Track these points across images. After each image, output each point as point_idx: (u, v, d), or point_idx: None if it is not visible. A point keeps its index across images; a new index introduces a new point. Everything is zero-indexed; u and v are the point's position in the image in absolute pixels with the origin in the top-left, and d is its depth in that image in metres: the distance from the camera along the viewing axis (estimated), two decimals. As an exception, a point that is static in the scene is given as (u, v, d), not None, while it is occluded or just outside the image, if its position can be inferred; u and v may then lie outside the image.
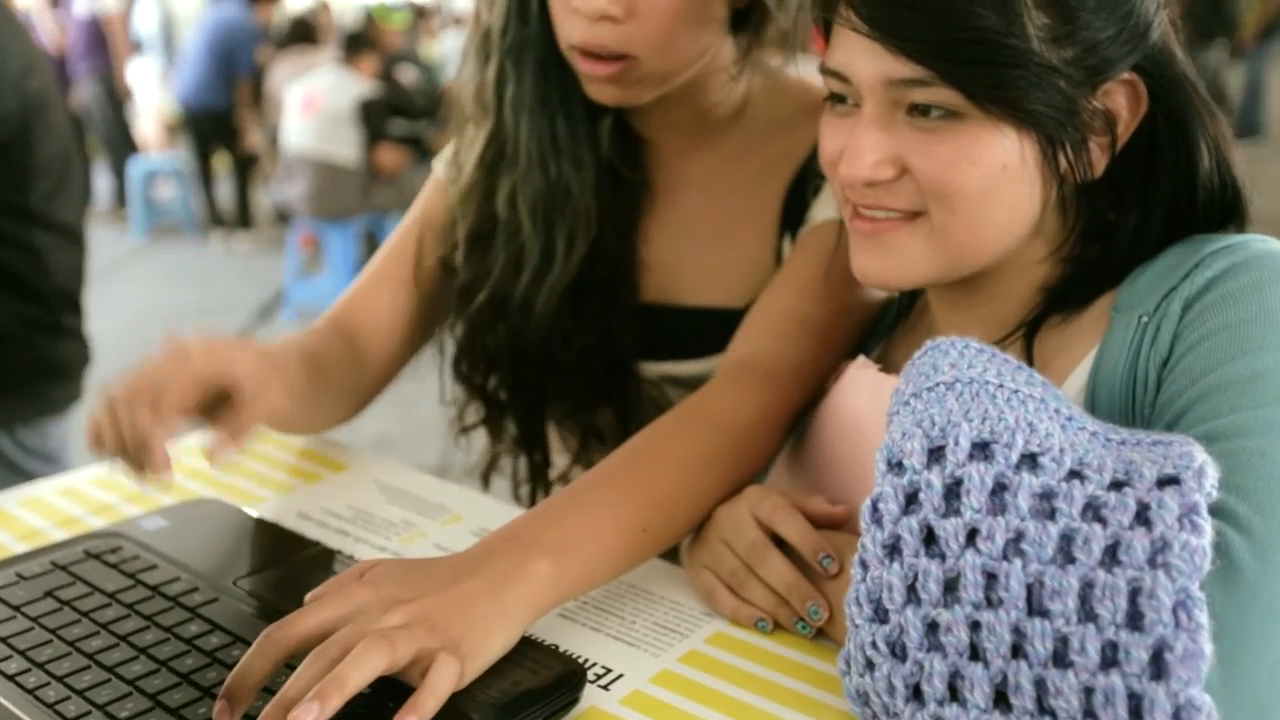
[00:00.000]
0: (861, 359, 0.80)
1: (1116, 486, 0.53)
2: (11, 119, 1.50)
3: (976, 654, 0.52)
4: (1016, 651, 0.51)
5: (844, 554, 0.68)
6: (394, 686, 0.57)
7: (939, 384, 0.59)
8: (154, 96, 6.05)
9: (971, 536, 0.54)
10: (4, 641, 0.65)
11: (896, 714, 0.54)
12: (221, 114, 5.69)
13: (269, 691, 0.56)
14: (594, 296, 0.93)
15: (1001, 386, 0.58)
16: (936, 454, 0.56)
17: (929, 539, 0.55)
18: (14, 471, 1.62)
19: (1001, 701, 0.51)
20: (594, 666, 0.66)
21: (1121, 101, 0.67)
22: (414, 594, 0.61)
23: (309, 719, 0.51)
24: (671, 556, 0.79)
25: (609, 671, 0.66)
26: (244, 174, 5.94)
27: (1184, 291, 0.64)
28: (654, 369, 0.95)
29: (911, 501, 0.57)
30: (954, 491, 0.55)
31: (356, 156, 4.36)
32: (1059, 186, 0.67)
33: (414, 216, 1.01)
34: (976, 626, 0.52)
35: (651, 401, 0.95)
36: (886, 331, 0.86)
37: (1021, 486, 0.54)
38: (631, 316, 0.94)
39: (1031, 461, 0.55)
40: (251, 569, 0.74)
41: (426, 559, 0.66)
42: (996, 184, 0.65)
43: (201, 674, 0.62)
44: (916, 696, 0.54)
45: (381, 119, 4.40)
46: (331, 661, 0.56)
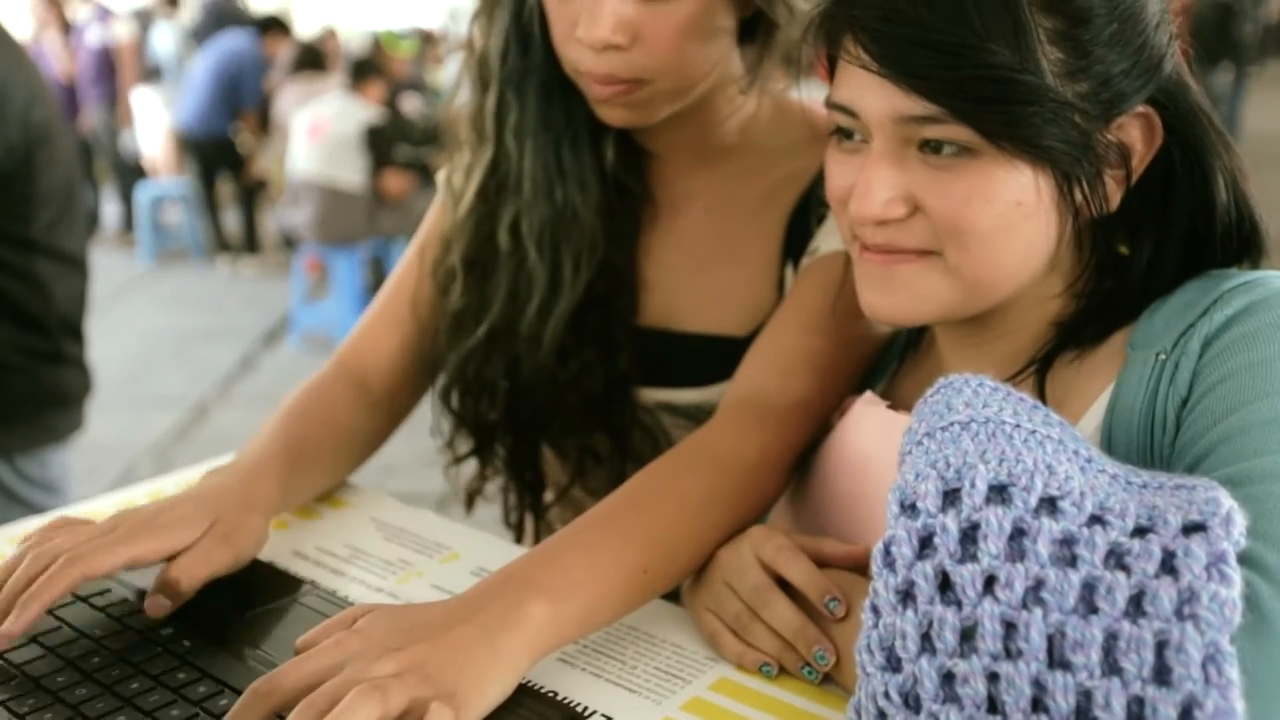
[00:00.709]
0: (869, 395, 0.77)
1: (1140, 533, 0.51)
2: (15, 150, 1.50)
3: (995, 707, 0.50)
4: (1037, 705, 0.49)
5: (851, 596, 0.66)
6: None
7: (953, 423, 0.57)
8: (163, 122, 6.09)
9: (989, 584, 0.52)
10: (-14, 690, 0.63)
11: (911, 770, 0.52)
12: (225, 141, 5.71)
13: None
14: (595, 312, 0.92)
15: (1018, 426, 0.56)
16: (952, 497, 0.54)
17: (944, 585, 0.53)
18: (14, 501, 1.60)
19: (1022, 759, 0.49)
20: (594, 715, 0.64)
21: (1136, 134, 0.65)
22: (406, 641, 0.59)
23: None
24: (673, 597, 0.77)
25: (610, 720, 0.63)
26: (250, 199, 5.96)
27: (1202, 329, 0.62)
28: (650, 395, 0.93)
29: (926, 545, 0.54)
30: (970, 536, 0.53)
31: (362, 182, 4.37)
32: (1074, 220, 0.65)
33: (415, 245, 1.00)
34: (995, 678, 0.50)
35: (647, 430, 0.94)
36: (892, 365, 0.84)
37: (1041, 532, 0.51)
38: (631, 337, 0.92)
39: (1051, 505, 0.53)
40: (243, 611, 0.72)
41: (419, 604, 0.64)
42: (1011, 220, 0.64)
43: (188, 725, 0.60)
44: (931, 751, 0.51)
45: (387, 145, 4.41)
46: (319, 714, 0.54)
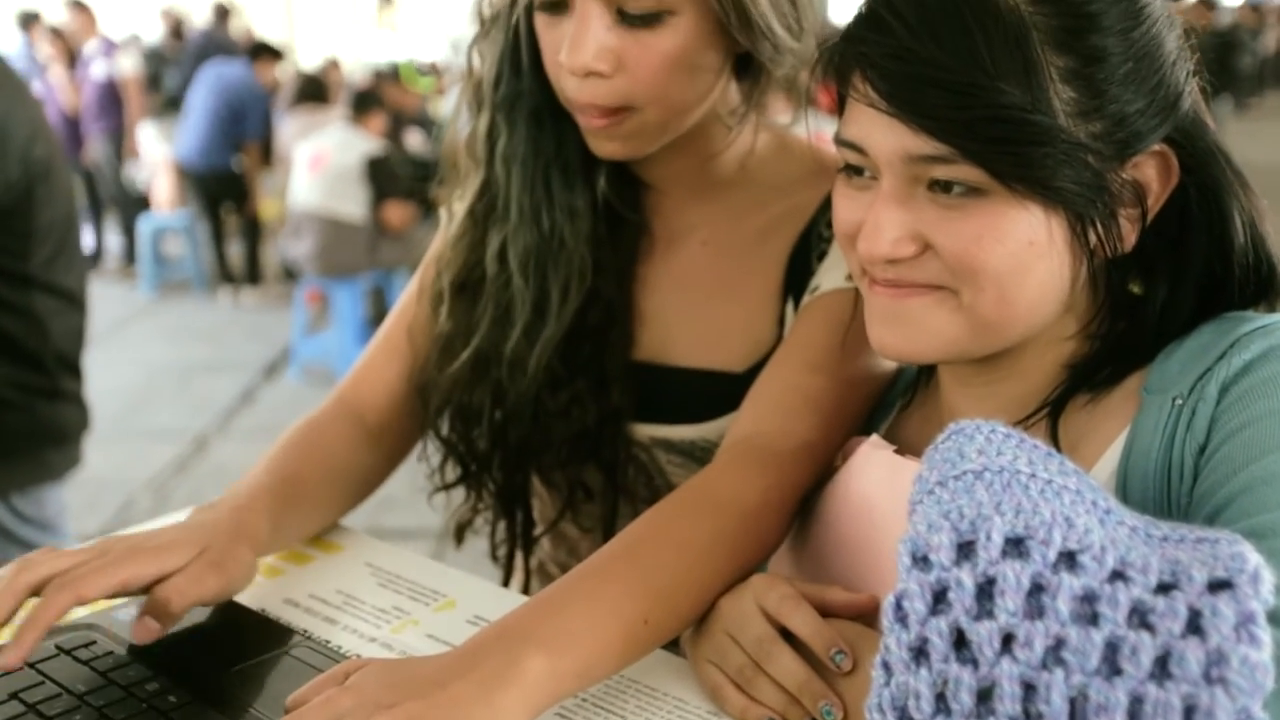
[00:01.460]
0: (875, 438, 0.75)
1: (1164, 590, 0.49)
2: (15, 186, 1.50)
3: (1014, 773, 0.48)
4: (1059, 772, 0.47)
5: (858, 648, 0.64)
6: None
7: (966, 472, 0.55)
8: (165, 154, 6.12)
9: (1007, 642, 0.50)
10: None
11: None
12: (228, 174, 5.72)
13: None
14: (588, 342, 0.90)
15: (1034, 476, 0.54)
16: (966, 549, 0.52)
17: (960, 643, 0.51)
18: (10, 540, 1.58)
19: (1043, 830, 0.47)
20: (595, 775, 0.61)
21: (1152, 173, 0.64)
22: (400, 698, 0.57)
23: None
24: (674, 646, 0.74)
25: (611, 781, 0.61)
26: (253, 231, 5.97)
27: (1220, 374, 0.61)
28: (645, 431, 0.91)
29: (940, 600, 0.52)
30: (987, 591, 0.51)
31: (363, 214, 4.37)
32: (1089, 261, 0.63)
33: (416, 275, 0.99)
34: (1013, 743, 0.48)
35: (641, 466, 0.92)
36: (896, 405, 0.82)
37: (1061, 588, 0.49)
38: (624, 371, 0.91)
39: (1070, 560, 0.51)
40: (232, 664, 0.70)
41: (413, 658, 0.62)
42: (1024, 260, 0.62)
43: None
44: (948, 819, 0.49)
45: (389, 176, 4.42)
46: (309, 777, 0.51)
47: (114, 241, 6.74)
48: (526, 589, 1.00)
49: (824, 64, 0.68)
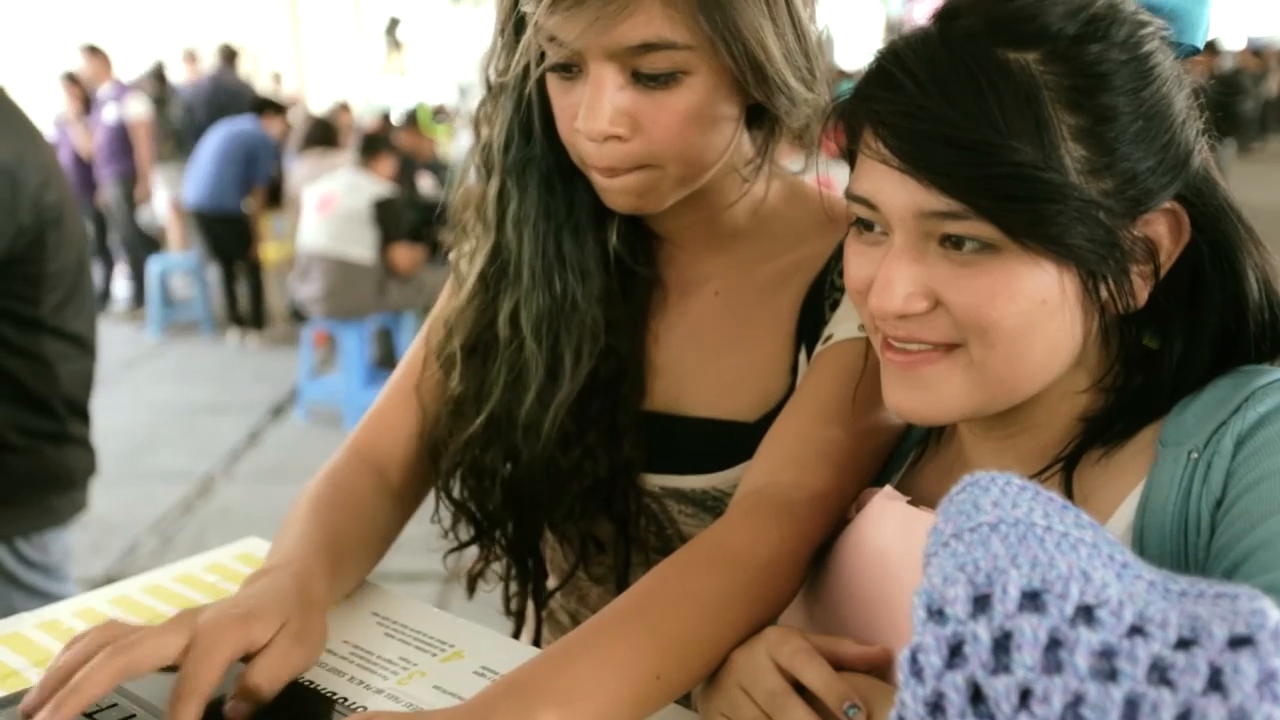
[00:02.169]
0: (889, 489, 0.75)
1: (1183, 645, 0.48)
2: (27, 231, 1.51)
3: (1034, 835, 0.47)
4: (1080, 834, 0.46)
5: (871, 702, 0.63)
6: None
7: (981, 524, 0.54)
8: (173, 197, 6.17)
9: (1025, 698, 0.49)
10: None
11: None
12: (236, 217, 5.77)
13: None
14: (599, 397, 0.90)
15: (1050, 529, 0.53)
16: (982, 602, 0.52)
17: (976, 698, 0.50)
18: (14, 585, 1.58)
19: None
20: (606, 833, 0.60)
21: (1163, 230, 0.64)
22: (409, 754, 0.56)
23: None
24: (686, 700, 0.74)
25: (622, 839, 0.60)
26: (255, 275, 5.99)
27: (1235, 427, 0.61)
28: (656, 481, 0.91)
29: (955, 654, 0.52)
30: (1003, 646, 0.50)
31: (371, 256, 4.40)
32: (1100, 317, 0.64)
33: (425, 327, 0.99)
34: (1033, 803, 0.47)
35: (653, 516, 0.91)
36: (910, 455, 0.82)
37: (1079, 643, 0.49)
38: (636, 423, 0.90)
39: (1088, 614, 0.50)
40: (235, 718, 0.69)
41: (421, 712, 0.61)
42: (1036, 318, 0.62)
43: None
44: None
45: (397, 219, 4.45)
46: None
47: (123, 285, 6.78)
48: (538, 638, 1.00)
49: (835, 120, 0.68)
